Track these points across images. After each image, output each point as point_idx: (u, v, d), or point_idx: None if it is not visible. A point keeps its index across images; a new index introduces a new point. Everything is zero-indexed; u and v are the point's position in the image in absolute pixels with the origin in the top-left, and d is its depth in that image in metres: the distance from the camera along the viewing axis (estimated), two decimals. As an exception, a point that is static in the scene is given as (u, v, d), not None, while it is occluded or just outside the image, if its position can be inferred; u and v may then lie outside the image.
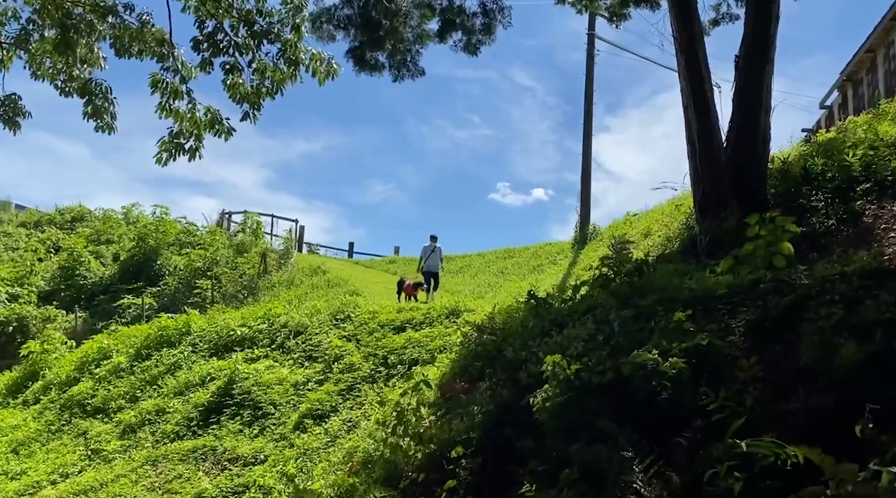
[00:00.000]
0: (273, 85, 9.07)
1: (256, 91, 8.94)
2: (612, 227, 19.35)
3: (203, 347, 12.46)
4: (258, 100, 8.97)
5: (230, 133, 9.00)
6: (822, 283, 5.00)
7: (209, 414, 10.20)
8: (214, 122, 8.94)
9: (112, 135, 9.20)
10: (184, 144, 8.80)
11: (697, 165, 9.06)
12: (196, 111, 8.90)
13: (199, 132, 8.83)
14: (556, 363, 4.56)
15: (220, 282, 21.64)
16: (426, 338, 9.94)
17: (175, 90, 8.97)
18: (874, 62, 20.70)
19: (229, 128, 8.97)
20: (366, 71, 10.67)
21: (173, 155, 8.82)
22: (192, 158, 8.91)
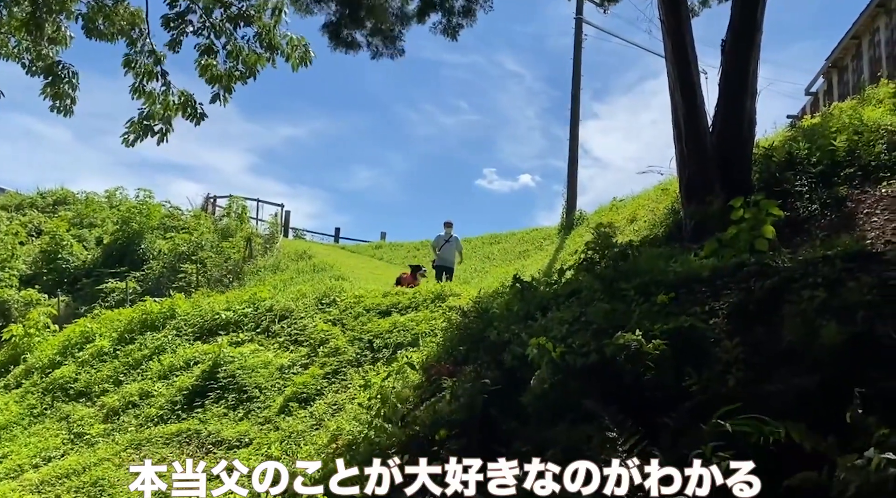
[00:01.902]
0: (246, 69, 9.03)
1: (229, 74, 8.90)
2: (598, 213, 19.37)
3: (188, 331, 12.40)
4: (230, 83, 8.93)
5: (202, 118, 8.97)
6: (804, 266, 5.02)
7: (194, 398, 10.16)
8: (187, 106, 8.90)
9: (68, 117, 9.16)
10: (153, 127, 8.76)
11: (683, 150, 9.08)
12: (169, 94, 8.86)
13: (169, 115, 8.80)
14: (541, 345, 4.56)
15: (205, 266, 21.54)
16: (411, 322, 9.93)
17: (149, 71, 8.91)
18: (859, 49, 20.80)
19: (202, 113, 8.93)
20: (341, 47, 10.51)
21: (140, 136, 8.78)
22: (161, 141, 8.88)
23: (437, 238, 16.21)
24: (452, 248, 15.93)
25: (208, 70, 8.91)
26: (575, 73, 22.08)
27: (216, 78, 8.94)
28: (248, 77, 9.18)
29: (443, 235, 16.08)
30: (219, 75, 8.94)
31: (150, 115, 8.90)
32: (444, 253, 15.85)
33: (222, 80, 8.98)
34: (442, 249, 15.80)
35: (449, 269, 15.71)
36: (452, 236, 16.04)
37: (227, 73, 9.00)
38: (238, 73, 9.09)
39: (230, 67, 9.02)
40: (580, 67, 22.09)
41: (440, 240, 16.03)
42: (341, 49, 10.28)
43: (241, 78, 9.13)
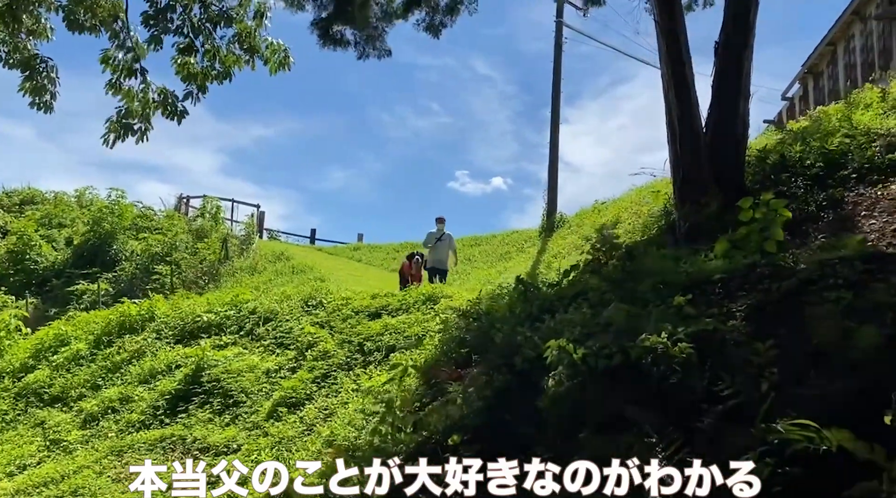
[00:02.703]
0: (223, 69, 8.86)
1: (205, 73, 8.72)
2: (579, 216, 19.41)
3: (168, 334, 12.06)
4: (205, 82, 8.75)
5: (182, 116, 8.75)
6: (820, 267, 4.96)
7: (177, 402, 9.86)
8: (167, 103, 8.69)
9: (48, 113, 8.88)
10: (132, 125, 8.53)
11: (678, 151, 9.03)
12: (149, 91, 8.64)
13: (148, 113, 8.58)
14: (562, 348, 4.42)
15: (180, 267, 21.13)
16: (403, 324, 9.75)
17: (128, 68, 8.67)
18: (835, 55, 21.14)
19: (182, 110, 8.71)
20: (330, 45, 10.33)
21: (121, 136, 8.54)
22: (140, 140, 8.66)
23: (429, 236, 14.44)
24: (445, 246, 14.26)
25: (185, 68, 8.72)
26: (555, 75, 22.07)
27: (192, 76, 8.74)
28: (224, 78, 9.00)
29: (434, 233, 14.38)
30: (194, 73, 8.74)
31: (129, 113, 8.67)
32: (437, 252, 14.21)
33: (197, 78, 8.79)
34: (434, 247, 14.18)
35: (442, 270, 14.28)
36: (445, 234, 14.38)
37: (203, 71, 8.81)
38: (215, 72, 8.91)
39: (207, 66, 8.83)
40: (560, 70, 22.09)
41: (431, 238, 14.32)
42: (330, 46, 10.11)
43: (218, 77, 8.94)
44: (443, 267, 14.22)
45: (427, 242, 14.40)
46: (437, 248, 14.13)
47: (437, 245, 14.16)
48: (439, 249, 14.10)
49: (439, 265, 14.15)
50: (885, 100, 10.32)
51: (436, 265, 14.14)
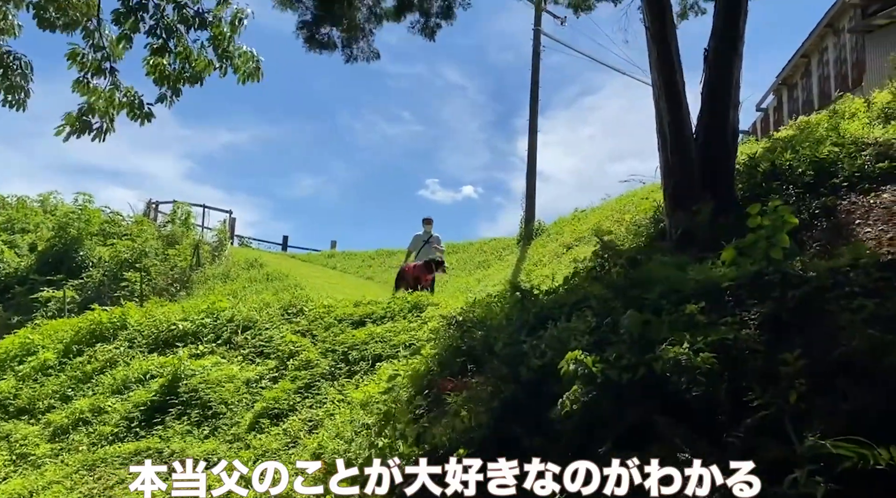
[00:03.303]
0: (194, 73, 8.65)
1: (178, 75, 8.49)
2: (558, 224, 19.37)
3: (141, 342, 11.63)
4: (177, 84, 8.51)
5: (148, 118, 8.48)
6: (833, 275, 4.86)
7: (153, 414, 9.46)
8: (133, 105, 8.43)
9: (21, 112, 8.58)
10: (91, 122, 8.25)
11: (668, 159, 8.95)
12: (116, 91, 8.40)
13: (113, 112, 8.33)
14: (578, 359, 4.24)
15: (150, 274, 20.58)
16: (389, 332, 9.50)
17: (96, 65, 8.41)
18: (808, 67, 21.43)
19: (148, 112, 8.45)
20: (315, 48, 10.09)
21: (77, 132, 8.25)
22: (99, 139, 8.38)
23: (415, 238, 13.33)
24: (433, 250, 13.09)
25: (157, 69, 8.46)
26: (533, 82, 22.09)
27: (164, 78, 8.49)
28: (195, 81, 8.77)
29: (421, 235, 13.26)
30: (167, 75, 8.49)
31: (91, 110, 8.37)
32: (424, 257, 13.01)
33: (170, 80, 8.53)
34: (421, 251, 13.02)
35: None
36: (433, 236, 13.25)
37: (177, 73, 8.56)
38: (187, 75, 8.68)
39: (179, 69, 8.59)
40: (538, 77, 22.12)
41: (418, 241, 13.20)
42: (316, 50, 9.85)
43: (190, 81, 8.70)
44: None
45: (414, 246, 13.27)
46: (424, 252, 13.00)
47: (424, 249, 13.02)
48: (426, 252, 12.96)
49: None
50: (870, 109, 10.40)
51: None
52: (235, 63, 8.62)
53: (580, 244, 15.15)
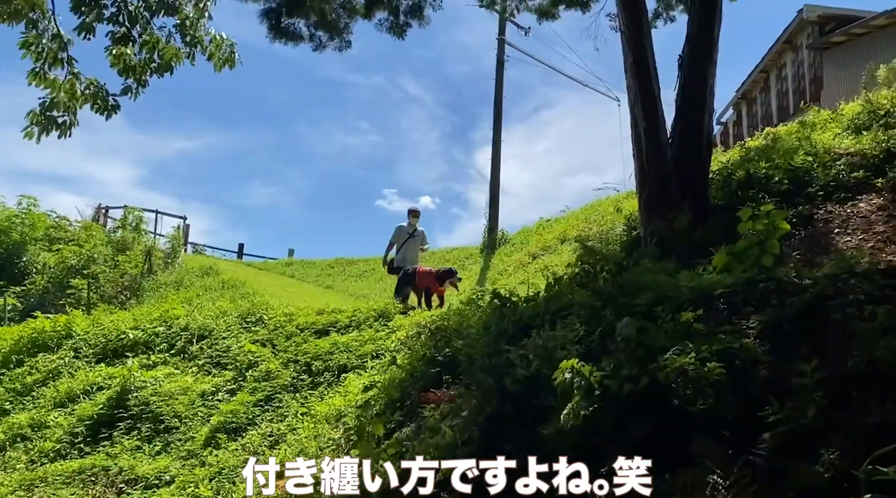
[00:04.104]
0: (163, 62, 8.22)
1: (144, 65, 8.04)
2: (522, 233, 19.19)
3: (88, 352, 10.96)
4: (143, 75, 8.08)
5: (113, 111, 8.03)
6: (832, 282, 4.65)
7: (99, 429, 8.85)
8: (97, 96, 7.97)
9: None
10: (56, 118, 7.78)
11: (644, 166, 8.77)
12: (77, 83, 7.92)
13: (75, 105, 7.86)
14: (576, 369, 3.92)
15: (98, 281, 19.68)
16: (355, 342, 9.07)
17: (53, 56, 7.91)
18: (767, 82, 21.74)
19: (114, 104, 8.00)
20: (281, 38, 9.64)
21: (46, 129, 7.77)
22: (64, 135, 7.92)
23: (399, 230, 11.65)
24: (417, 245, 11.63)
25: (121, 60, 7.99)
26: (497, 91, 21.98)
27: (129, 69, 8.02)
28: (164, 71, 8.33)
29: (405, 227, 11.65)
30: (132, 66, 8.02)
31: (54, 104, 7.87)
32: (408, 252, 11.51)
33: (136, 71, 8.07)
34: (405, 246, 11.46)
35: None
36: (418, 230, 11.69)
37: (142, 64, 8.10)
38: (154, 65, 8.23)
39: (146, 59, 8.14)
40: (502, 86, 22.03)
41: (402, 233, 11.57)
42: (281, 40, 9.42)
43: (158, 71, 8.26)
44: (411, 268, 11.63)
45: (397, 238, 11.65)
46: (408, 246, 11.52)
47: (408, 242, 11.51)
48: (410, 248, 11.53)
49: (407, 265, 11.54)
50: (837, 120, 10.41)
51: (403, 265, 11.59)
52: (209, 49, 8.21)
53: (546, 253, 14.95)
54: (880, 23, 16.97)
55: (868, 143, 8.82)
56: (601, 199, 16.67)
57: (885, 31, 16.82)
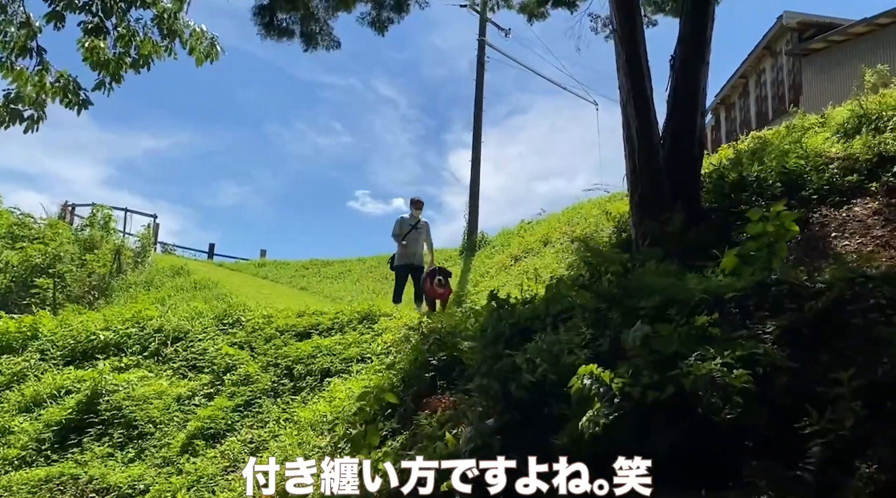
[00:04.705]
0: (140, 57, 7.88)
1: (118, 60, 7.69)
2: (503, 235, 18.96)
3: (55, 354, 10.47)
4: (118, 70, 7.73)
5: (85, 105, 7.67)
6: (848, 286, 4.50)
7: (67, 435, 8.43)
8: (67, 90, 7.60)
9: None
10: (22, 111, 7.41)
11: (636, 167, 8.62)
12: (46, 75, 7.55)
13: (43, 99, 7.50)
14: (595, 375, 3.68)
15: (65, 280, 19.06)
16: (338, 345, 8.75)
17: (21, 45, 7.52)
18: (746, 88, 21.84)
19: (85, 99, 7.64)
20: (273, 35, 9.38)
21: (7, 122, 7.39)
22: (31, 129, 7.55)
23: (401, 222, 10.83)
24: (421, 238, 10.83)
25: (94, 53, 7.62)
26: (478, 91, 21.76)
27: (103, 63, 7.65)
28: (141, 66, 7.97)
29: (407, 219, 10.88)
30: (106, 60, 7.65)
31: (20, 98, 7.48)
32: (412, 245, 10.74)
33: (110, 66, 7.70)
34: (408, 239, 10.66)
35: (418, 268, 10.85)
36: (422, 221, 10.90)
37: (117, 58, 7.73)
38: (130, 60, 7.87)
39: (120, 53, 7.77)
40: (483, 87, 21.80)
41: (405, 225, 10.76)
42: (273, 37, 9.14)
43: (134, 66, 7.90)
44: (419, 263, 10.89)
45: (400, 230, 10.80)
46: (411, 239, 10.71)
47: (412, 235, 10.71)
48: (413, 240, 10.71)
49: (416, 260, 10.79)
50: (826, 124, 10.37)
51: (411, 261, 10.80)
52: (189, 43, 7.87)
53: (529, 256, 14.73)
54: (859, 30, 17.10)
55: (860, 147, 8.75)
56: (583, 202, 16.52)
57: (864, 38, 16.95)
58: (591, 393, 3.66)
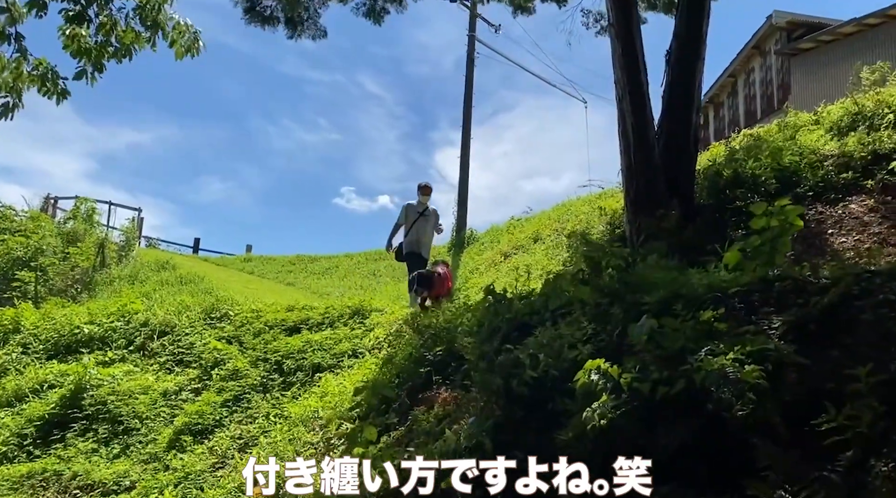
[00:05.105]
0: (122, 46, 7.73)
1: (100, 49, 7.54)
2: (492, 232, 18.86)
3: (38, 348, 10.26)
4: (100, 59, 7.58)
5: (64, 96, 7.51)
6: (855, 281, 4.43)
7: (51, 430, 8.25)
8: (45, 79, 7.45)
9: None
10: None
11: (631, 162, 8.55)
12: (23, 62, 7.39)
13: (21, 87, 7.34)
14: (603, 370, 3.59)
15: (47, 274, 18.73)
16: (329, 340, 8.62)
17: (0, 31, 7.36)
18: (735, 87, 21.88)
19: (63, 89, 7.48)
20: (257, 22, 9.19)
21: None
22: (5, 117, 7.41)
23: (407, 209, 10.01)
24: (430, 226, 10.08)
25: (75, 41, 7.45)
26: (467, 89, 21.70)
27: (84, 51, 7.49)
28: (123, 56, 7.82)
29: (414, 205, 10.04)
30: (87, 49, 7.49)
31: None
32: (418, 233, 9.93)
33: (91, 54, 7.54)
34: (415, 227, 9.87)
35: (424, 258, 10.06)
36: (429, 208, 10.10)
37: (98, 47, 7.58)
38: (112, 49, 7.72)
39: (102, 42, 7.62)
40: (472, 83, 21.75)
41: (411, 211, 9.96)
42: (257, 23, 8.95)
43: (116, 55, 7.74)
44: (424, 253, 10.13)
45: (406, 217, 10.01)
46: (419, 227, 9.93)
47: (419, 222, 9.91)
48: (420, 228, 9.94)
49: (422, 249, 10.00)
50: (820, 123, 10.35)
51: (417, 249, 9.96)
52: (171, 36, 7.72)
53: (519, 252, 14.63)
54: (848, 30, 17.15)
55: (854, 144, 8.74)
56: (572, 199, 16.46)
57: (853, 38, 17.01)
58: (598, 388, 3.56)
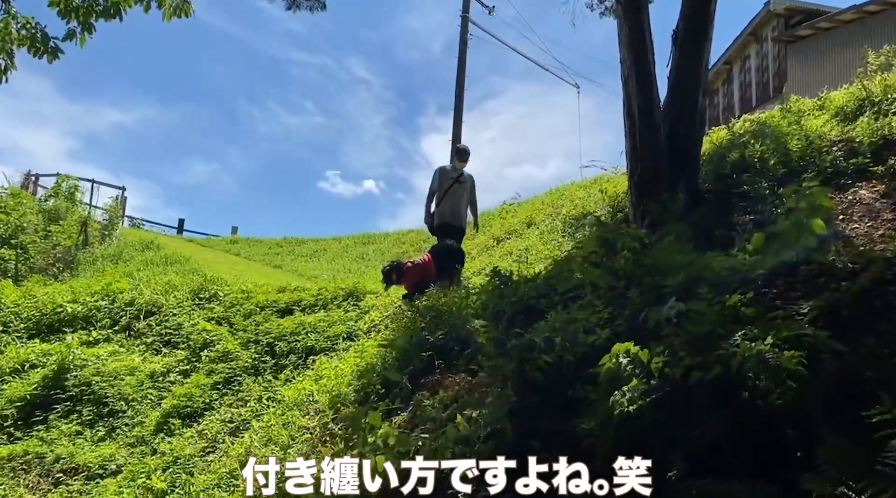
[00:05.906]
0: (110, 4, 7.46)
1: (88, 7, 7.25)
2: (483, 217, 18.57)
3: (19, 326, 9.91)
4: (88, 18, 7.31)
5: (55, 55, 7.28)
6: (888, 265, 4.25)
7: (32, 411, 7.94)
8: (35, 39, 7.18)
9: None
10: None
11: (637, 144, 8.33)
12: (11, 22, 7.12)
13: (10, 48, 7.10)
14: (632, 354, 3.36)
15: (28, 252, 18.31)
16: (322, 322, 8.37)
17: None
18: (730, 74, 21.70)
19: (55, 48, 7.23)
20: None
21: None
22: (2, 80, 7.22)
23: (441, 174, 8.65)
24: (465, 194, 8.70)
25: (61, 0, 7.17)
26: (460, 69, 21.39)
27: (72, 10, 7.20)
28: (112, 16, 7.52)
29: (449, 171, 8.70)
30: (75, 7, 7.20)
31: None
32: (453, 202, 8.59)
33: (79, 13, 7.24)
34: (448, 195, 8.51)
35: (458, 228, 8.80)
36: (465, 174, 8.72)
37: (86, 6, 7.28)
38: (100, 8, 7.42)
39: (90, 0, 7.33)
40: (465, 64, 21.44)
41: (446, 177, 8.60)
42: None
43: (105, 14, 7.44)
44: (459, 225, 8.85)
45: (440, 184, 8.60)
46: (452, 195, 8.59)
47: (453, 189, 8.57)
48: (456, 196, 8.60)
49: (456, 221, 8.73)
50: (825, 108, 10.17)
51: (452, 220, 8.68)
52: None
53: (513, 237, 14.42)
54: (847, 17, 16.99)
55: (862, 130, 8.56)
56: (566, 184, 16.27)
57: (852, 25, 16.84)
58: (625, 373, 3.34)
